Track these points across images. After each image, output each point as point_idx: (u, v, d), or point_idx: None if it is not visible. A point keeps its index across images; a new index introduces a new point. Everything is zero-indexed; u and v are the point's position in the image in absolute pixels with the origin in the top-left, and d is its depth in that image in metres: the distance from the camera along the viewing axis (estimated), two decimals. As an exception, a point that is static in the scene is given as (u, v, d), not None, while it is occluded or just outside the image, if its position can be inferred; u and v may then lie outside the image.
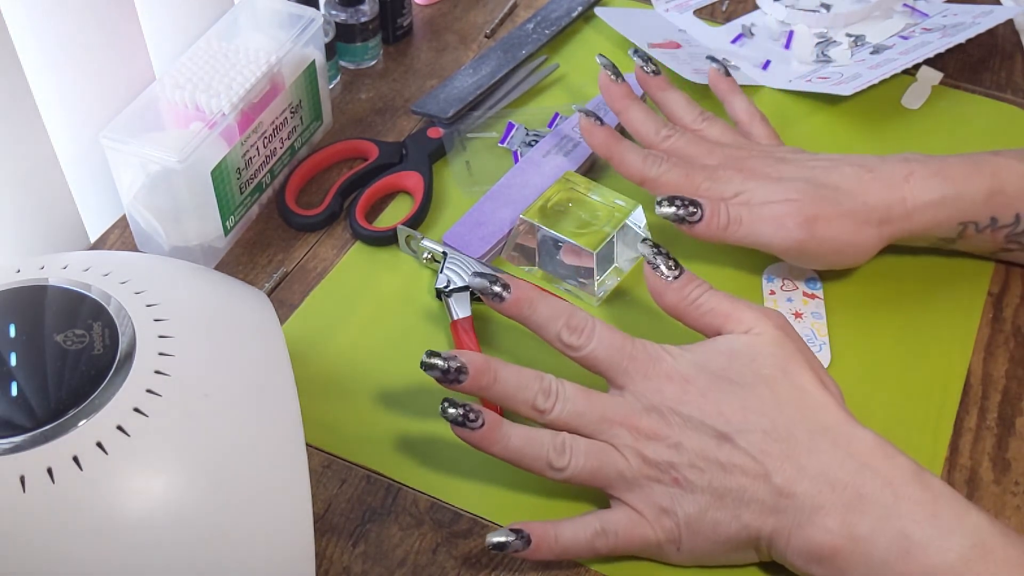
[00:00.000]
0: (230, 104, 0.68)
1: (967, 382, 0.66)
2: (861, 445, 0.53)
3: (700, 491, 0.54)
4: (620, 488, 0.55)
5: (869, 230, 0.66)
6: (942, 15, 0.88)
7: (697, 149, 0.70)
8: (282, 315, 0.69)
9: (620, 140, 0.70)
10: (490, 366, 0.55)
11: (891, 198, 0.66)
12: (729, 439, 0.54)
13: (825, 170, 0.67)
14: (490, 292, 0.57)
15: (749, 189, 0.66)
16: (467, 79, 0.83)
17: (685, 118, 0.73)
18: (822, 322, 0.68)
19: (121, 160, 0.68)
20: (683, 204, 0.65)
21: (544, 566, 0.58)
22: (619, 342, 0.57)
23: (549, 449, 0.55)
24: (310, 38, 0.74)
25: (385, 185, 0.76)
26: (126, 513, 0.45)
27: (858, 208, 0.65)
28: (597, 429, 0.55)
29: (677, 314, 0.59)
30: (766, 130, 0.73)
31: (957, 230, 0.67)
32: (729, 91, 0.76)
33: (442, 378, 0.55)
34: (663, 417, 0.55)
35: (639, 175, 0.69)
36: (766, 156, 0.69)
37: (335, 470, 0.62)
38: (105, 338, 0.49)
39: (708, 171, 0.68)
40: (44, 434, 0.46)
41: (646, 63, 0.75)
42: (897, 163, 0.67)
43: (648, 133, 0.71)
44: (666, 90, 0.75)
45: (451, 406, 0.55)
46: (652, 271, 0.59)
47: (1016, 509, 0.60)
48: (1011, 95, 0.84)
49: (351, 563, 0.58)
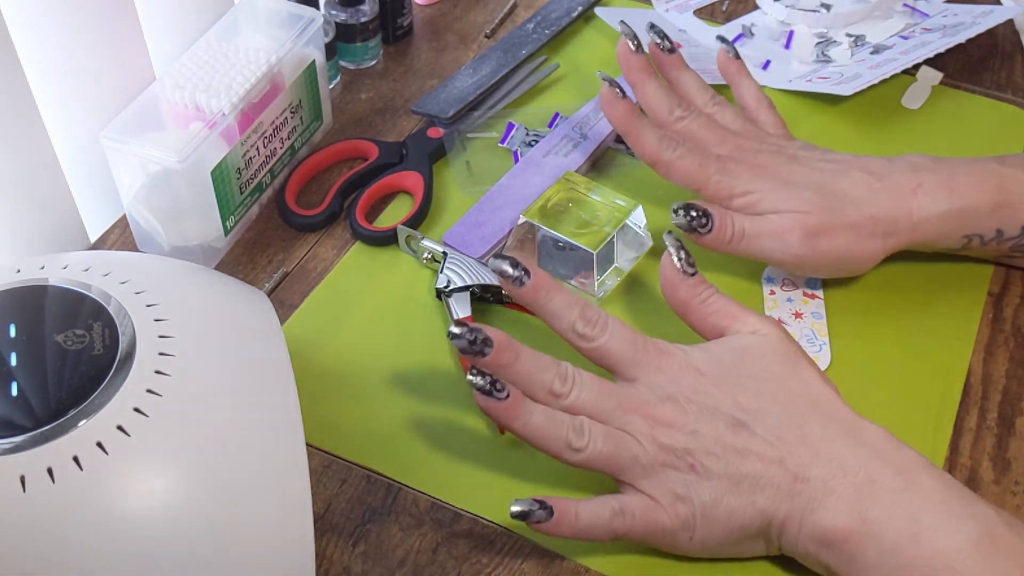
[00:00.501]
0: (230, 104, 0.68)
1: (967, 382, 0.66)
2: (871, 436, 0.54)
3: (716, 477, 0.54)
4: (635, 474, 0.55)
5: (873, 243, 0.66)
6: (942, 15, 0.88)
7: (710, 134, 0.69)
8: (282, 315, 0.69)
9: (639, 117, 0.69)
10: (513, 344, 0.56)
11: (897, 210, 0.65)
12: (745, 426, 0.54)
13: (834, 174, 0.66)
14: (511, 275, 0.57)
15: (758, 190, 0.66)
16: (467, 79, 0.83)
17: (697, 100, 0.72)
18: (822, 322, 0.68)
19: (121, 160, 0.68)
20: (697, 216, 0.65)
21: (544, 566, 0.58)
22: (631, 336, 0.57)
23: (568, 429, 0.55)
24: (310, 38, 0.74)
25: (385, 185, 0.76)
26: (126, 513, 0.45)
27: (863, 221, 0.65)
28: (612, 416, 0.56)
29: (686, 310, 0.60)
30: (773, 118, 0.73)
31: (962, 242, 0.67)
32: (737, 74, 0.75)
33: (467, 348, 0.55)
34: (679, 405, 0.55)
35: (653, 155, 0.68)
36: (777, 152, 0.68)
37: (335, 470, 0.62)
38: (105, 338, 0.49)
39: (721, 163, 0.67)
40: (44, 434, 0.46)
41: (662, 40, 0.73)
42: (906, 172, 0.66)
43: (662, 110, 0.70)
44: (681, 70, 0.73)
45: (478, 374, 0.55)
46: (671, 263, 0.59)
47: (1016, 509, 0.60)
48: (1011, 95, 0.84)
49: (351, 563, 0.58)
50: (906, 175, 0.66)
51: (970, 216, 0.66)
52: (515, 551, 0.58)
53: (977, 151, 0.77)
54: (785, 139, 0.71)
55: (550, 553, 0.58)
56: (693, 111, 0.70)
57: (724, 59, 0.76)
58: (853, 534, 0.52)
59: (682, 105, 0.70)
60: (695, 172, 0.67)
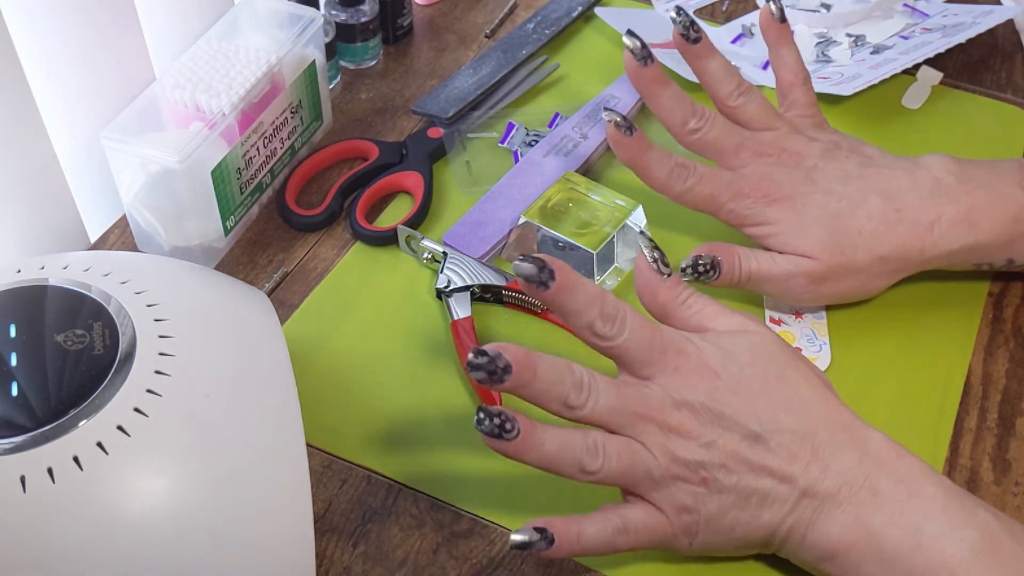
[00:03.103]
0: (230, 104, 0.68)
1: (967, 382, 0.66)
2: (874, 445, 0.54)
3: (726, 491, 0.54)
4: (646, 487, 0.55)
5: (880, 280, 0.66)
6: (942, 15, 0.88)
7: (726, 143, 0.67)
8: (282, 315, 0.69)
9: (647, 151, 0.66)
10: (531, 360, 0.52)
11: (910, 248, 0.65)
12: (761, 440, 0.54)
13: (851, 204, 0.65)
14: (537, 279, 0.53)
15: (771, 222, 0.65)
16: (467, 79, 0.83)
17: (722, 91, 0.68)
18: (822, 322, 0.68)
19: (121, 160, 0.68)
20: (705, 268, 0.65)
21: (545, 567, 0.58)
22: (648, 333, 0.55)
23: (582, 452, 0.53)
24: (310, 38, 0.74)
25: (385, 185, 0.76)
26: (126, 513, 0.45)
27: (872, 263, 0.65)
28: (627, 424, 0.54)
29: (665, 312, 0.58)
30: (806, 96, 0.69)
31: (971, 268, 0.68)
32: (778, 40, 0.70)
33: (487, 380, 0.52)
34: (695, 414, 0.54)
35: (663, 189, 0.67)
36: (795, 167, 0.66)
37: (335, 470, 0.62)
38: (105, 338, 0.49)
39: (733, 189, 0.65)
40: (44, 434, 0.46)
41: (688, 29, 0.67)
42: (927, 197, 0.65)
43: (675, 123, 0.67)
44: (706, 58, 0.68)
45: (487, 417, 0.52)
46: (647, 266, 0.57)
47: (1016, 509, 0.60)
48: (1011, 95, 0.84)
49: (351, 563, 0.58)
50: (926, 202, 0.65)
51: (984, 250, 0.66)
52: (515, 551, 0.58)
53: (977, 151, 0.78)
54: (812, 126, 0.69)
55: (550, 553, 0.58)
56: (708, 118, 0.67)
57: (768, 19, 0.70)
58: (855, 544, 0.52)
59: (696, 114, 0.67)
60: (707, 203, 0.66)
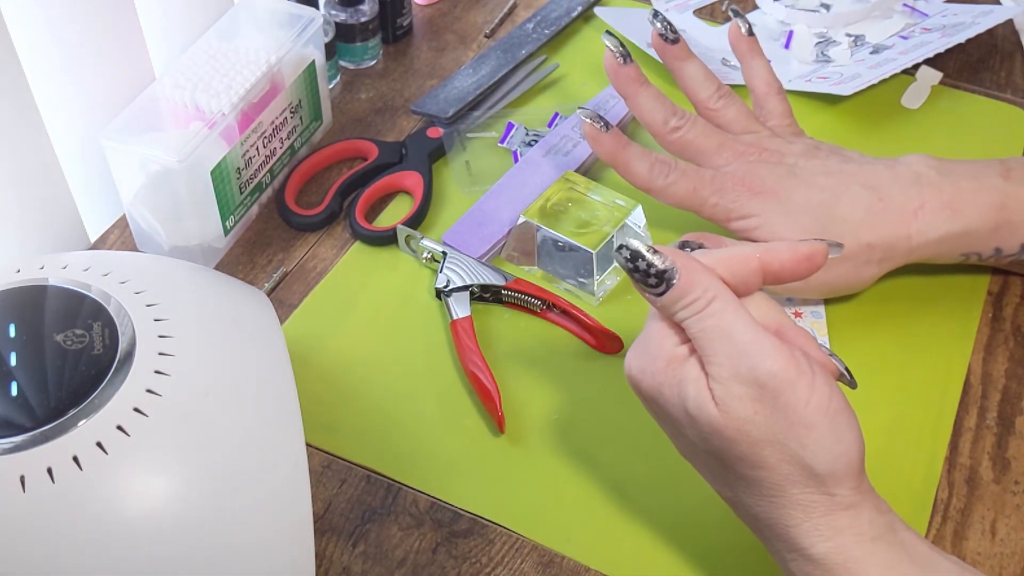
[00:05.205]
0: (230, 104, 0.68)
1: (967, 382, 0.66)
2: None
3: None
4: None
5: (868, 269, 0.65)
6: (942, 15, 0.88)
7: (707, 142, 0.67)
8: (282, 315, 0.69)
9: (625, 147, 0.67)
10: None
11: (896, 236, 0.64)
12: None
13: (834, 195, 0.65)
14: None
15: (755, 214, 0.65)
16: (467, 79, 0.83)
17: (701, 94, 0.70)
18: (822, 321, 0.68)
19: (121, 160, 0.68)
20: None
21: (544, 566, 0.58)
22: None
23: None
24: (310, 38, 0.74)
25: (385, 185, 0.76)
26: (126, 513, 0.45)
27: (859, 251, 0.64)
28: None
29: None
30: (781, 106, 0.71)
31: (959, 259, 0.67)
32: (749, 52, 0.72)
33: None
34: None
35: (645, 185, 0.67)
36: (777, 164, 0.66)
37: (335, 470, 0.62)
38: (105, 338, 0.49)
39: (716, 184, 0.66)
40: (44, 434, 0.46)
41: (666, 29, 0.70)
42: (909, 187, 0.65)
43: (656, 122, 0.68)
44: (684, 60, 0.70)
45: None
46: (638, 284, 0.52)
47: (1016, 508, 0.60)
48: (1011, 95, 0.84)
49: (351, 563, 0.58)
50: (908, 192, 0.65)
51: (970, 237, 0.65)
52: (515, 551, 0.58)
53: (977, 151, 0.78)
54: (790, 134, 0.70)
55: (550, 552, 0.58)
56: (688, 119, 0.68)
57: (736, 34, 0.72)
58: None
59: (677, 113, 0.68)
60: (690, 197, 0.66)
